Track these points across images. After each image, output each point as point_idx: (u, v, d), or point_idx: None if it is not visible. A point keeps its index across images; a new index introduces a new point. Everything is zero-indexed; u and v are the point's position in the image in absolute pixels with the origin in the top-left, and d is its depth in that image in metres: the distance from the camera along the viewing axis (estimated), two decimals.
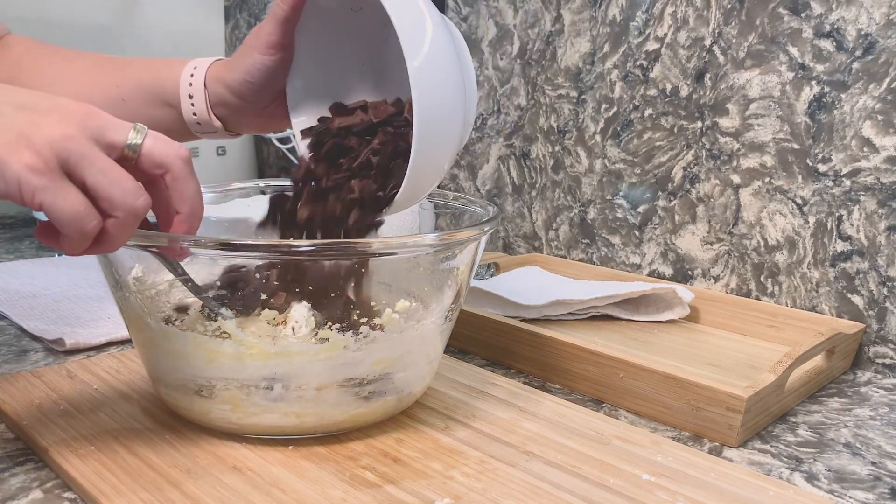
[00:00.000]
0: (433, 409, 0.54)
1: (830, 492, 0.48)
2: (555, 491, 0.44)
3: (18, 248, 1.04)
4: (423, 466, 0.46)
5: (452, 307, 0.52)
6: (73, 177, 0.38)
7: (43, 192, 0.37)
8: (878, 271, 0.69)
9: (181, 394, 0.49)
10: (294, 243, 0.45)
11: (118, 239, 0.41)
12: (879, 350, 0.69)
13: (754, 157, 0.76)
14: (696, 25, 0.80)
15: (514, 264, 0.91)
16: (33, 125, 0.38)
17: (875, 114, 0.68)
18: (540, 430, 0.51)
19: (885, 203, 0.68)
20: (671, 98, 0.82)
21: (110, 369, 0.59)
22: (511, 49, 0.98)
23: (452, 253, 0.50)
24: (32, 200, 0.37)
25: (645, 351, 0.69)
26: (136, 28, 1.33)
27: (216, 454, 0.47)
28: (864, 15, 0.68)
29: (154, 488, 0.43)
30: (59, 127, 0.38)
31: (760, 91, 0.75)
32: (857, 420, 0.59)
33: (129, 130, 0.41)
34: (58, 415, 0.51)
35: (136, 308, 0.49)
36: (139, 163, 0.41)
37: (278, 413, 0.47)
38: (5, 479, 0.45)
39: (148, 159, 0.41)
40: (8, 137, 0.37)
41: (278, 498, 0.42)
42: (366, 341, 0.47)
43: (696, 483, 0.45)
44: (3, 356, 0.65)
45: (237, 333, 0.46)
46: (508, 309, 0.74)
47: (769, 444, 0.54)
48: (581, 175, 0.92)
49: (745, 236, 0.78)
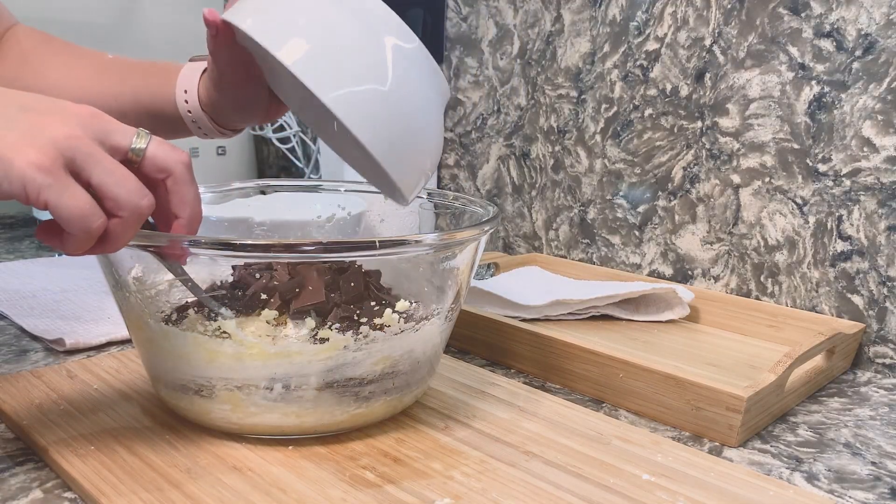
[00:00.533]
0: (433, 409, 0.54)
1: (830, 492, 0.48)
2: (555, 491, 0.44)
3: (18, 248, 1.04)
4: (423, 466, 0.46)
5: (452, 307, 0.52)
6: (77, 176, 0.38)
7: (48, 189, 0.37)
8: (878, 271, 0.69)
9: (181, 394, 0.49)
10: (294, 243, 0.45)
11: (121, 239, 0.41)
12: (879, 350, 0.69)
13: (754, 156, 0.76)
14: (696, 25, 0.80)
15: (514, 264, 0.91)
16: (38, 125, 0.38)
17: (875, 114, 0.68)
18: (540, 430, 0.51)
19: (885, 203, 0.68)
20: (671, 98, 0.82)
21: (110, 369, 0.59)
22: (511, 49, 0.98)
23: (452, 253, 0.50)
24: (38, 199, 0.37)
25: (645, 351, 0.69)
26: (136, 28, 1.33)
27: (216, 454, 0.47)
28: (864, 15, 0.68)
29: (154, 488, 0.43)
30: (65, 127, 0.38)
31: (760, 91, 0.75)
32: (857, 420, 0.59)
33: (133, 134, 0.41)
34: (58, 415, 0.51)
35: (136, 308, 0.49)
36: (142, 166, 0.41)
37: (278, 413, 0.47)
38: (5, 479, 0.45)
39: (151, 163, 0.42)
40: (12, 137, 0.37)
41: (278, 498, 0.42)
42: (366, 341, 0.47)
43: (696, 483, 0.45)
44: (3, 356, 0.65)
45: (237, 333, 0.46)
46: (508, 309, 0.74)
47: (769, 444, 0.54)
48: (581, 175, 0.92)
49: (745, 236, 0.78)
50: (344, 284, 0.51)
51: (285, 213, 0.69)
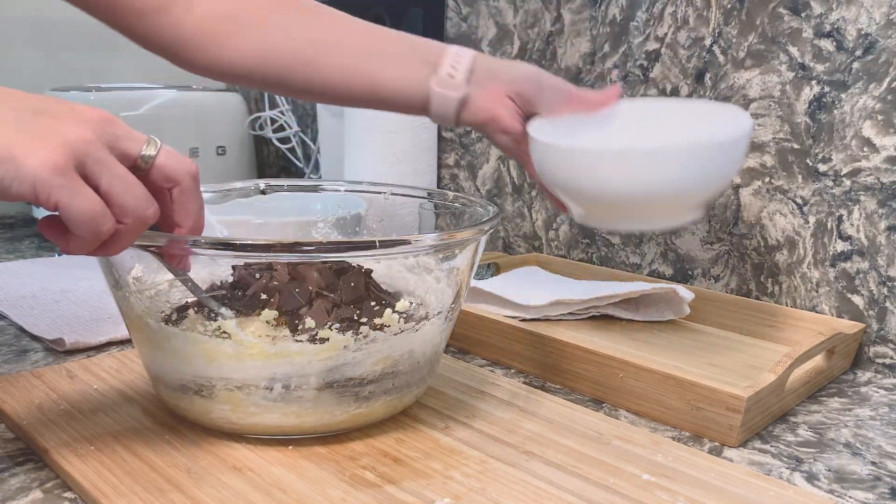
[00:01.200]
0: (433, 409, 0.54)
1: (830, 492, 0.48)
2: (555, 491, 0.44)
3: (18, 248, 1.04)
4: (423, 466, 0.46)
5: (452, 307, 0.52)
6: (87, 179, 0.39)
7: (59, 190, 0.37)
8: (878, 271, 0.69)
9: (181, 394, 0.49)
10: (294, 243, 0.45)
11: (121, 244, 0.41)
12: (879, 350, 0.69)
13: (754, 156, 0.76)
14: (696, 25, 0.80)
15: (514, 264, 0.91)
16: (50, 127, 0.38)
17: (875, 114, 0.68)
18: (540, 430, 0.51)
19: (885, 203, 0.68)
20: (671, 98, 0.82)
21: (110, 369, 0.59)
22: (511, 49, 0.98)
23: (452, 253, 0.50)
24: (48, 199, 0.37)
25: (645, 351, 0.69)
26: None
27: (216, 454, 0.47)
28: (864, 15, 0.68)
29: (154, 488, 0.43)
30: (77, 130, 0.38)
31: (760, 91, 0.75)
32: (857, 420, 0.59)
33: (143, 142, 0.41)
34: (58, 415, 0.51)
35: (136, 308, 0.49)
36: (149, 175, 0.42)
37: (278, 413, 0.47)
38: (5, 479, 0.45)
39: (159, 172, 0.42)
40: (24, 138, 0.37)
41: (278, 498, 0.42)
42: (366, 341, 0.47)
43: (696, 483, 0.45)
44: (3, 356, 0.65)
45: (237, 333, 0.46)
46: (508, 309, 0.74)
47: (769, 444, 0.54)
48: None
49: (746, 236, 0.78)
50: (344, 284, 0.51)
51: (285, 213, 0.69)
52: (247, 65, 0.61)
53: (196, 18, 0.60)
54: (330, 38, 0.61)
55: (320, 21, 0.62)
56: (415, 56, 0.61)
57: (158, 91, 1.19)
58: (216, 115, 1.26)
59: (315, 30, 0.61)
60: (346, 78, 0.61)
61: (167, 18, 0.60)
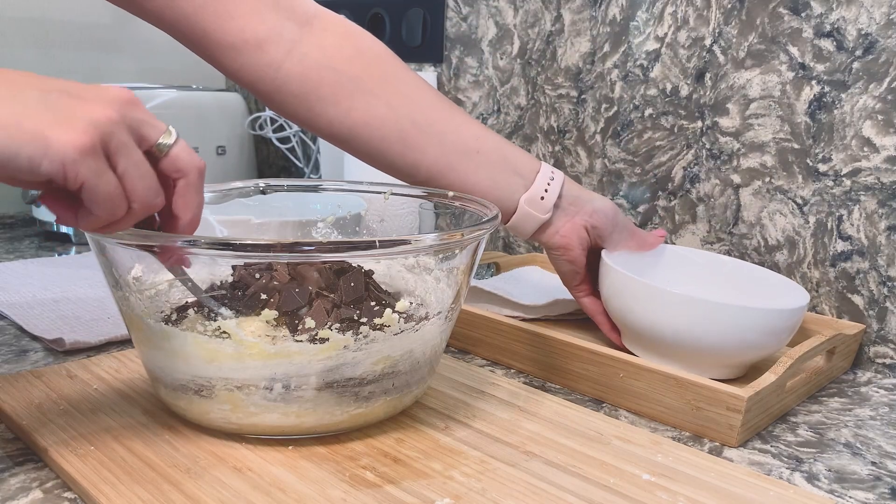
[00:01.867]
0: (433, 409, 0.54)
1: (830, 492, 0.48)
2: (555, 491, 0.44)
3: (18, 248, 1.04)
4: (423, 466, 0.46)
5: (452, 307, 0.52)
6: (108, 160, 0.39)
7: (87, 171, 0.37)
8: (878, 271, 0.69)
9: (181, 394, 0.49)
10: (294, 243, 0.45)
11: (122, 226, 0.42)
12: (879, 350, 0.69)
13: (754, 156, 0.76)
14: (696, 25, 0.79)
15: (514, 264, 0.91)
16: (77, 108, 0.38)
17: (875, 114, 0.68)
18: (540, 430, 0.51)
19: (885, 203, 0.68)
20: (671, 98, 0.82)
21: (110, 369, 0.59)
22: (511, 49, 0.98)
23: (452, 253, 0.50)
24: (76, 179, 0.37)
25: None
26: (136, 28, 1.33)
27: (216, 454, 0.47)
28: (864, 15, 0.68)
29: (154, 488, 0.43)
30: (105, 111, 0.39)
31: (761, 91, 0.75)
32: (858, 420, 0.59)
33: (162, 131, 0.42)
34: (58, 415, 0.51)
35: (136, 308, 0.49)
36: (161, 163, 0.42)
37: (278, 413, 0.47)
38: (5, 479, 0.45)
39: (171, 163, 0.42)
40: (53, 118, 0.37)
41: (278, 498, 0.42)
42: (366, 341, 0.47)
43: (696, 483, 0.45)
44: (3, 356, 0.65)
45: (237, 333, 0.46)
46: (508, 309, 0.74)
47: (769, 444, 0.54)
48: (581, 175, 0.92)
49: (746, 236, 0.78)
50: (344, 284, 0.51)
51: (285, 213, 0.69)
52: (354, 128, 0.61)
53: (306, 69, 0.59)
54: (435, 125, 0.61)
55: (424, 100, 0.62)
56: (507, 165, 0.63)
57: (158, 91, 1.19)
58: (216, 115, 1.26)
59: (418, 110, 0.61)
60: (440, 169, 0.62)
61: (264, 59, 0.58)
